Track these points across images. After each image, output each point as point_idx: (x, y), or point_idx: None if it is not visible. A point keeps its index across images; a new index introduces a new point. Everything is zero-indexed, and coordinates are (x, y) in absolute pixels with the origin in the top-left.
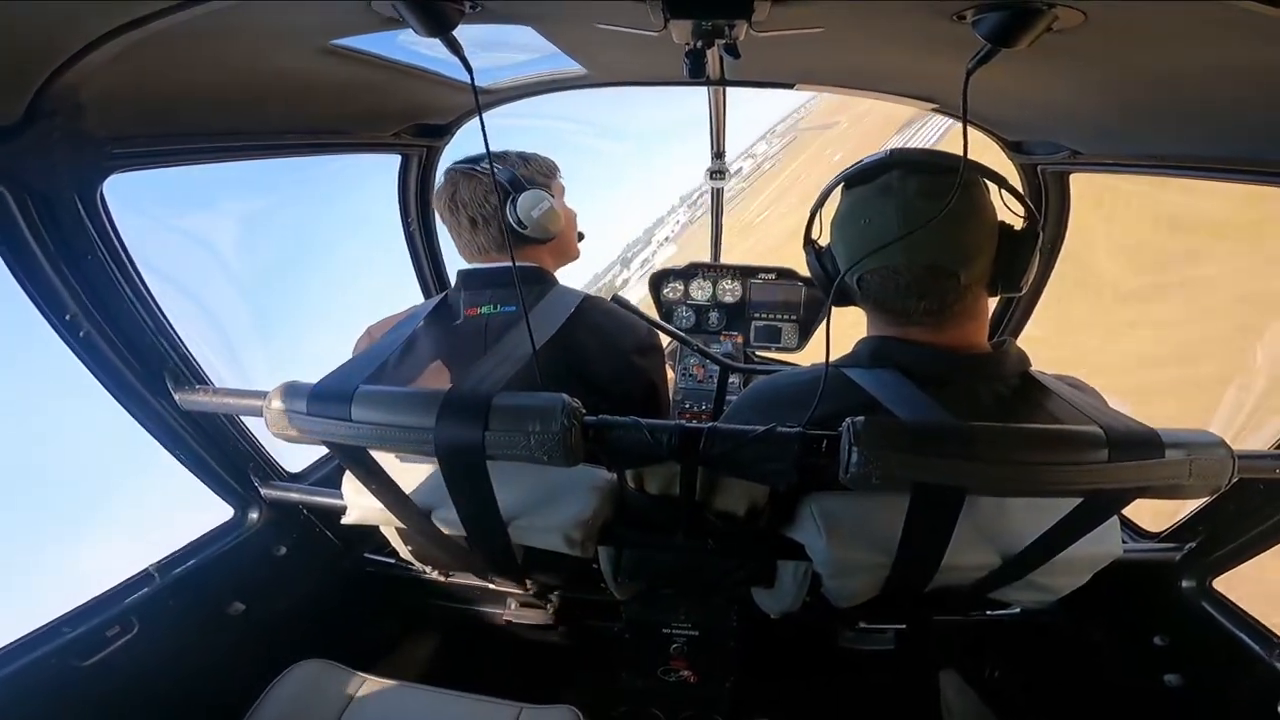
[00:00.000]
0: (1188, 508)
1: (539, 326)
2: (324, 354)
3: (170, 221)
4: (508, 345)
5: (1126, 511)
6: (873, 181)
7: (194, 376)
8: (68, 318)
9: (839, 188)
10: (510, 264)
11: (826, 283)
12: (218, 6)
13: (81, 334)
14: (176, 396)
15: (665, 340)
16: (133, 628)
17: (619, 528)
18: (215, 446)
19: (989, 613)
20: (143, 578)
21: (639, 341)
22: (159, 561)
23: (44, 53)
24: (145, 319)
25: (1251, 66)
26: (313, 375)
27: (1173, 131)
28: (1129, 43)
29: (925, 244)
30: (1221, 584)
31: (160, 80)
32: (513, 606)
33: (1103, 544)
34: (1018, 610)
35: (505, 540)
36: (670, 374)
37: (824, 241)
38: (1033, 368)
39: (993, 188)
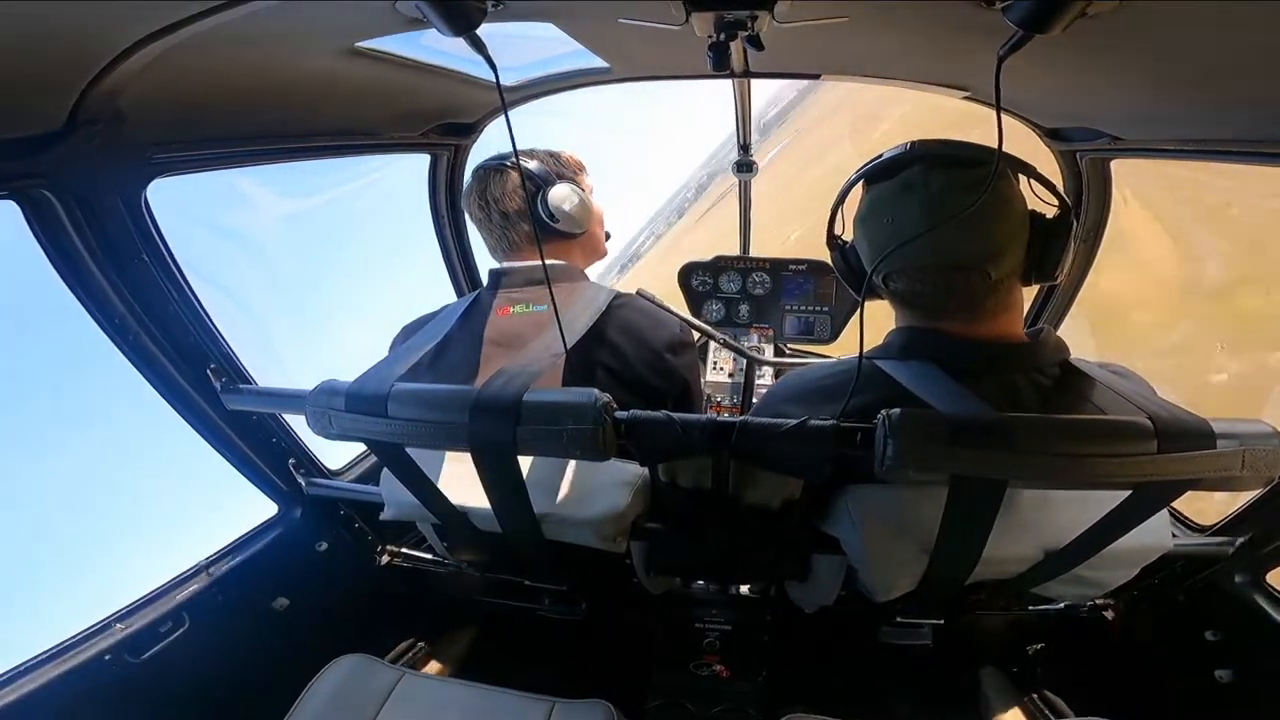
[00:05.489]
0: (1240, 500)
1: (570, 325)
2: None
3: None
4: (540, 345)
5: (1177, 504)
6: (894, 177)
7: (238, 376)
8: (117, 320)
9: (860, 184)
10: (540, 262)
11: (853, 279)
12: (245, 10)
13: (131, 336)
14: (221, 396)
15: (695, 335)
16: (184, 623)
17: (651, 523)
18: (258, 444)
19: (1031, 608)
20: (193, 573)
21: (671, 339)
22: (208, 557)
23: (82, 60)
24: (190, 320)
25: None
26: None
27: (1216, 115)
28: (1167, 26)
29: (951, 243)
30: (1276, 578)
31: (195, 85)
32: (546, 602)
33: (1151, 537)
34: (1061, 605)
35: (539, 536)
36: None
37: (848, 236)
38: (1073, 356)
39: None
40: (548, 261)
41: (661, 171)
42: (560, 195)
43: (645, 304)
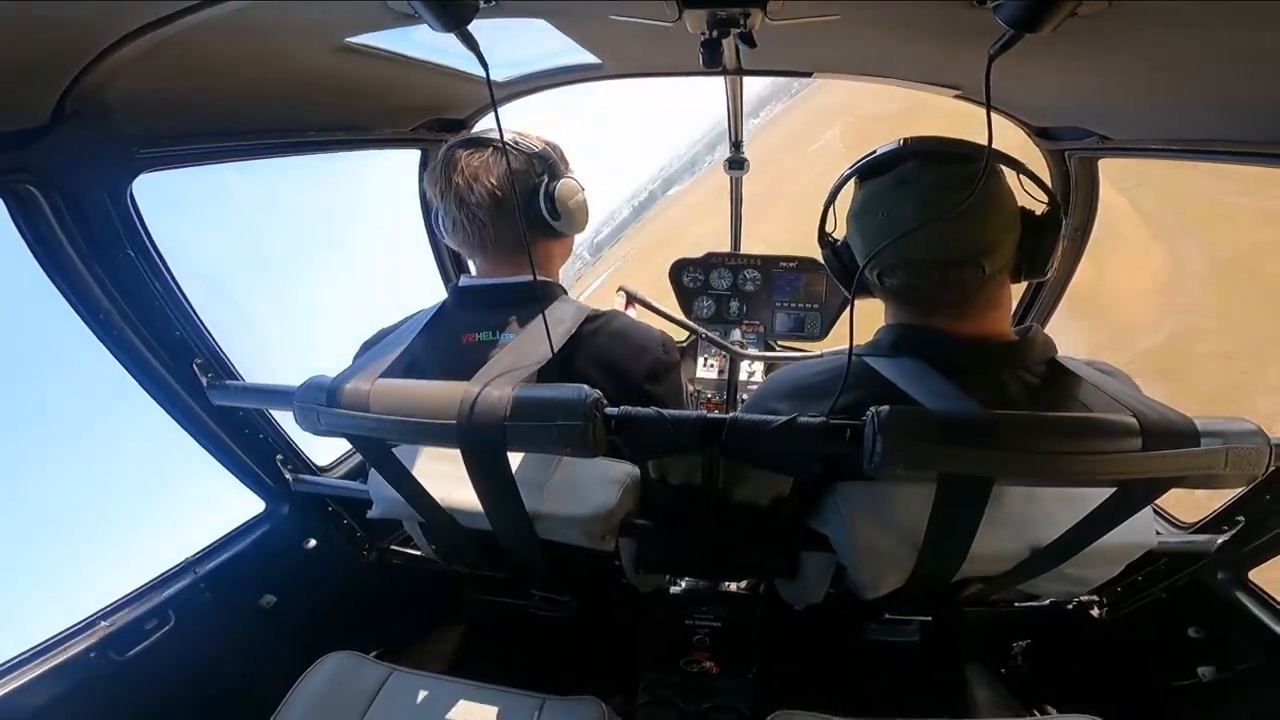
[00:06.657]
0: (1223, 497)
1: (538, 353)
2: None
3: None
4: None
5: (1160, 502)
6: (888, 173)
7: (224, 371)
8: (101, 316)
9: (853, 180)
10: (517, 280)
11: (845, 277)
12: (235, 5)
13: (115, 332)
14: (208, 391)
15: (683, 333)
16: (169, 620)
17: (641, 520)
18: (245, 440)
19: (1017, 604)
20: (179, 570)
21: (652, 366)
22: (195, 554)
23: (69, 54)
24: (176, 316)
25: None
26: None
27: (1204, 115)
28: (1156, 26)
29: (945, 237)
30: (1258, 575)
31: (183, 80)
32: (536, 599)
33: (1136, 535)
34: (1047, 602)
35: (529, 535)
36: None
37: (839, 234)
38: (1060, 354)
39: (1011, 173)
40: (529, 279)
41: None
42: (570, 188)
43: (619, 326)
